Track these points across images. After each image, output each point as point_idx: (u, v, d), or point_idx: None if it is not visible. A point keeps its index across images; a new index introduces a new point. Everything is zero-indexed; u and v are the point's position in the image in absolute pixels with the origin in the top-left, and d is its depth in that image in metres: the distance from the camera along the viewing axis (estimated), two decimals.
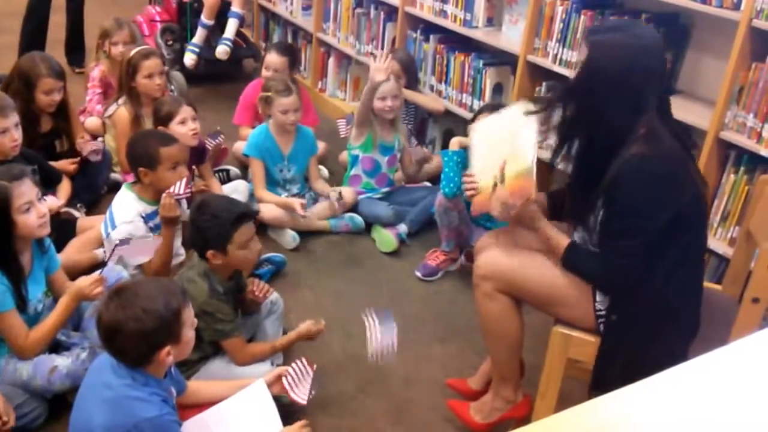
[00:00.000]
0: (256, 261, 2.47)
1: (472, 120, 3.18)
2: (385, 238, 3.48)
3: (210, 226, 2.32)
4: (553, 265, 2.09)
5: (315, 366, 2.23)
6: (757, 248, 2.28)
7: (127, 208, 2.78)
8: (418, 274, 3.28)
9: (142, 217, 2.79)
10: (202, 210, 2.36)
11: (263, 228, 3.50)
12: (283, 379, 2.17)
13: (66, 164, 3.36)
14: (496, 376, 2.32)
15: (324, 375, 2.63)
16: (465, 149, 3.13)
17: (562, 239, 2.06)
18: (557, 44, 3.29)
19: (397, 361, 2.75)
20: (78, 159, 3.41)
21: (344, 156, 3.86)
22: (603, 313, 2.03)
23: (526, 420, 2.41)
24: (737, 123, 2.68)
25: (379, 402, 2.56)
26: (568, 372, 2.15)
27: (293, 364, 2.22)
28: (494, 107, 3.17)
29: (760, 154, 2.60)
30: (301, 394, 2.17)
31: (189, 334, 1.89)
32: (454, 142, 3.14)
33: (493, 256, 2.16)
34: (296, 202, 3.42)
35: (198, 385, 2.21)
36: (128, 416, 1.77)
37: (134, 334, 1.77)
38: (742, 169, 2.69)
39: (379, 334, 2.37)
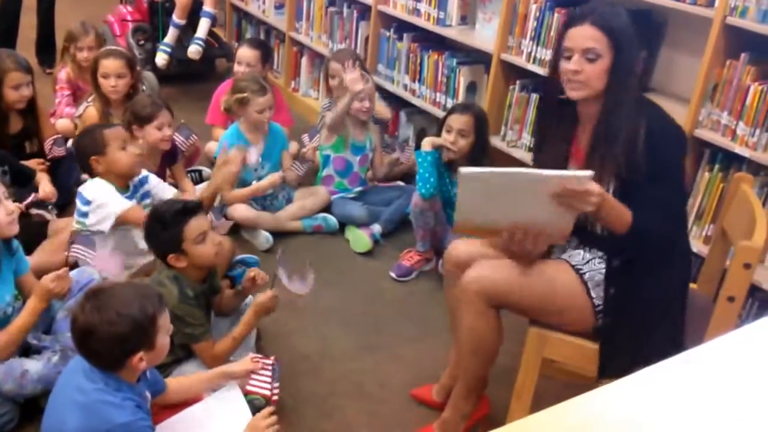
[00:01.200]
0: (224, 253, 2.39)
1: (444, 118, 3.16)
2: (359, 239, 3.45)
3: (157, 230, 2.28)
4: (542, 272, 2.03)
5: (273, 357, 2.19)
6: (732, 246, 2.28)
7: (98, 187, 2.72)
8: (393, 274, 3.25)
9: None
10: (148, 217, 2.34)
11: (236, 229, 3.46)
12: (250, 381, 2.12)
13: (34, 164, 3.29)
14: (462, 390, 2.22)
15: (297, 376, 2.60)
16: (438, 149, 3.11)
17: (625, 209, 1.94)
18: (531, 42, 3.27)
19: (372, 362, 2.72)
20: (45, 160, 3.34)
21: (317, 156, 3.81)
22: (601, 307, 2.01)
23: (492, 417, 2.39)
24: (711, 121, 2.68)
25: (352, 403, 2.52)
26: (543, 371, 2.13)
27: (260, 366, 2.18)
28: (465, 107, 3.18)
29: (734, 152, 2.60)
30: (263, 387, 2.12)
31: (164, 341, 1.86)
32: (426, 143, 3.11)
33: (487, 272, 2.05)
34: (268, 182, 3.40)
35: (176, 382, 2.17)
36: (101, 421, 1.75)
37: (107, 338, 1.74)
38: (716, 167, 2.69)
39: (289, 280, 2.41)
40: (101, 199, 2.69)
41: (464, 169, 1.81)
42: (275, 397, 2.23)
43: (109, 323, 1.73)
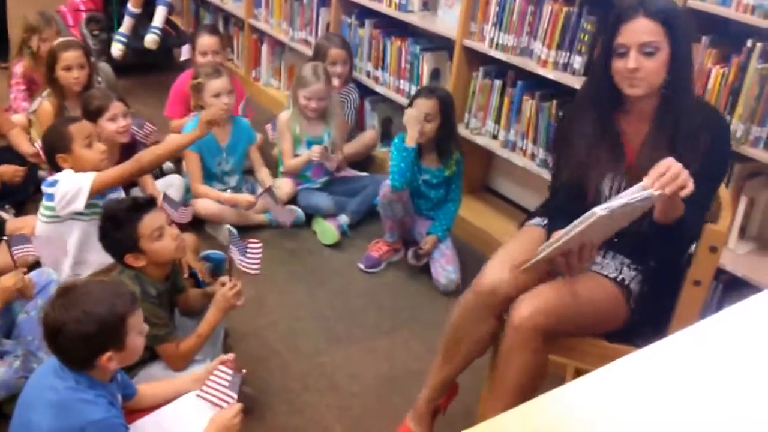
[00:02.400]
0: (183, 247, 2.32)
1: (409, 104, 3.13)
2: (327, 230, 3.42)
3: (110, 231, 2.22)
4: (583, 289, 1.96)
5: (244, 371, 2.06)
6: None
7: (64, 172, 2.65)
8: (361, 266, 3.23)
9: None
10: (100, 219, 2.28)
11: (200, 224, 3.40)
12: (202, 394, 2.01)
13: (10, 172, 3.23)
14: None
15: (267, 373, 2.58)
16: (419, 145, 3.09)
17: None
18: (493, 28, 3.25)
19: (343, 356, 2.71)
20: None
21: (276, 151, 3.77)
22: (633, 306, 2.01)
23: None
24: None
25: (325, 398, 2.51)
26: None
27: (213, 374, 2.03)
28: (431, 90, 3.16)
29: None
30: (226, 399, 2.00)
31: (136, 341, 1.83)
32: (411, 138, 3.02)
33: (539, 305, 1.90)
34: (242, 199, 3.35)
35: (142, 389, 2.11)
36: (75, 419, 1.72)
37: (74, 336, 1.72)
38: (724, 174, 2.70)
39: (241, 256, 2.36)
40: (69, 176, 2.59)
41: (600, 208, 1.63)
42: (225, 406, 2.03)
43: (75, 321, 1.71)
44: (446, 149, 3.18)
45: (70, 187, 2.56)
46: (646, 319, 2.01)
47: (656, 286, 2.03)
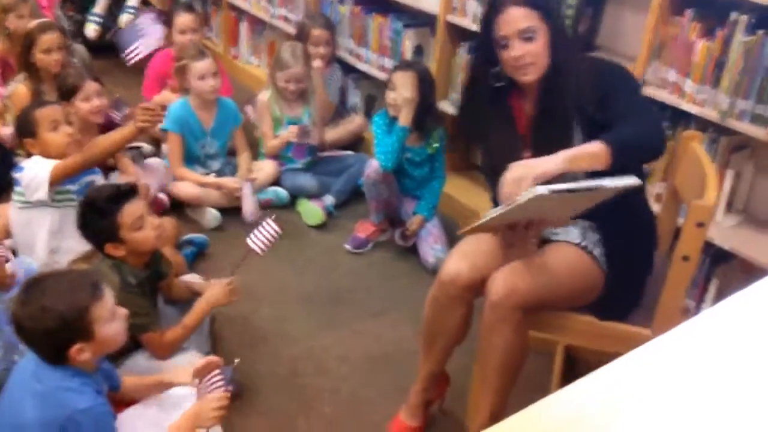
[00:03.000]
0: (164, 236, 2.28)
1: (388, 81, 3.11)
2: (311, 211, 3.38)
3: (90, 220, 2.18)
4: (557, 261, 1.97)
5: (237, 360, 2.03)
6: (684, 204, 2.29)
7: (34, 159, 2.63)
8: (348, 246, 3.20)
9: None
10: (79, 206, 2.24)
11: (181, 207, 3.36)
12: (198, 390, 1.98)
13: None
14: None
15: (256, 358, 2.56)
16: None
17: (589, 145, 1.84)
18: (476, 3, 3.21)
19: (331, 339, 2.69)
20: None
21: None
22: (604, 259, 2.02)
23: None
24: (659, 78, 2.67)
25: (314, 381, 2.49)
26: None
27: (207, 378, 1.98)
28: (408, 64, 3.14)
29: (682, 109, 2.60)
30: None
31: (108, 330, 1.79)
32: (405, 117, 3.01)
33: (515, 281, 1.90)
34: (227, 183, 3.31)
35: (129, 382, 2.09)
36: (61, 408, 1.71)
37: (36, 332, 1.72)
38: (665, 124, 2.69)
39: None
40: (32, 164, 2.59)
41: (541, 189, 1.63)
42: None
43: (31, 318, 1.70)
44: (427, 126, 3.15)
45: (32, 175, 2.56)
46: (621, 285, 2.02)
47: (624, 247, 2.03)
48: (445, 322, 2.12)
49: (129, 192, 2.21)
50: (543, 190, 1.64)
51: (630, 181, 1.74)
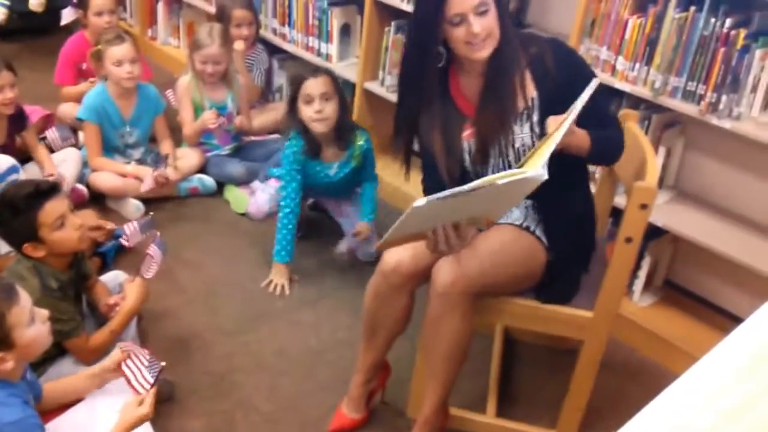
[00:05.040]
0: (86, 237, 2.15)
1: (295, 94, 2.77)
2: (240, 199, 3.27)
3: (7, 217, 2.03)
4: (499, 244, 1.94)
5: (163, 364, 1.89)
6: (621, 183, 2.29)
7: None
8: None
9: None
10: None
11: (101, 199, 3.19)
12: (124, 366, 1.91)
13: None
14: (435, 404, 2.02)
15: (188, 355, 2.45)
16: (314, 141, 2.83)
17: (582, 135, 1.87)
18: None
19: (267, 331, 2.60)
20: None
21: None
22: (545, 241, 2.00)
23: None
24: (591, 57, 2.65)
25: (251, 378, 2.40)
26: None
27: (132, 355, 1.93)
28: (314, 70, 2.81)
29: (615, 87, 2.60)
30: (142, 383, 1.88)
31: (28, 334, 1.69)
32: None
33: (461, 268, 1.85)
34: (147, 172, 3.17)
35: (51, 387, 1.98)
36: None
37: None
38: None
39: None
40: None
41: (419, 201, 1.55)
42: (141, 390, 1.88)
43: None
44: (347, 134, 2.84)
45: None
46: (563, 268, 2.01)
47: (566, 228, 2.02)
48: (386, 313, 2.07)
49: (50, 189, 2.07)
50: (421, 202, 1.56)
51: (533, 173, 1.62)
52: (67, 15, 3.90)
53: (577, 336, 2.05)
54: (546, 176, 1.60)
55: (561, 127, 1.73)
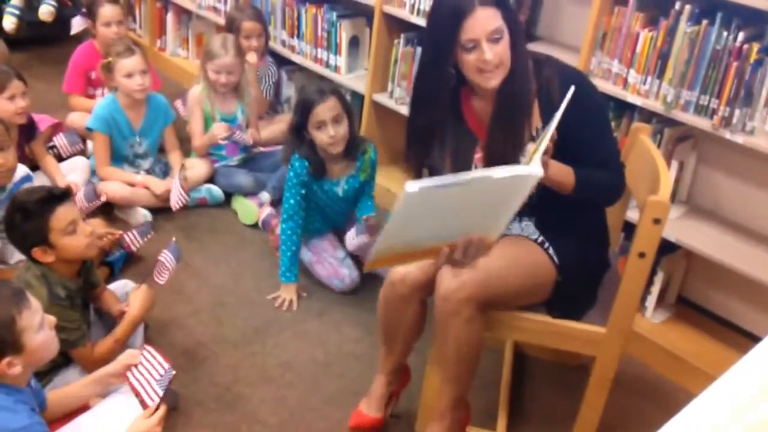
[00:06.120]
0: (95, 244, 2.15)
1: (304, 118, 2.66)
2: (248, 209, 3.25)
3: (19, 221, 2.04)
4: (508, 254, 1.91)
5: (173, 372, 1.90)
6: (633, 197, 2.26)
7: None
8: None
9: None
10: (7, 208, 2.09)
11: (110, 208, 3.18)
12: (129, 375, 1.90)
13: None
14: (451, 402, 2.01)
15: (194, 366, 2.43)
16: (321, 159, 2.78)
17: (565, 172, 1.86)
18: None
19: (273, 343, 2.58)
20: None
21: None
22: (557, 260, 1.97)
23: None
24: (602, 70, 2.63)
25: (257, 390, 2.37)
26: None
27: (143, 354, 1.93)
28: (321, 92, 2.68)
29: (626, 101, 2.58)
30: (151, 395, 1.86)
31: (37, 339, 1.69)
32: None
33: (466, 275, 1.84)
34: (156, 184, 3.17)
35: (54, 395, 1.98)
36: None
37: None
38: (610, 116, 2.66)
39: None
40: None
41: (411, 185, 1.46)
42: (150, 402, 1.86)
43: None
44: (356, 148, 2.80)
45: None
46: (575, 284, 1.98)
47: (578, 245, 2.00)
48: (399, 321, 2.08)
49: (62, 195, 2.08)
50: (414, 187, 1.46)
51: (529, 170, 1.59)
52: (77, 24, 3.91)
53: (589, 352, 2.02)
54: (542, 173, 1.58)
55: (548, 131, 1.70)
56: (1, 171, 2.54)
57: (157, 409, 1.81)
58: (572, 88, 1.71)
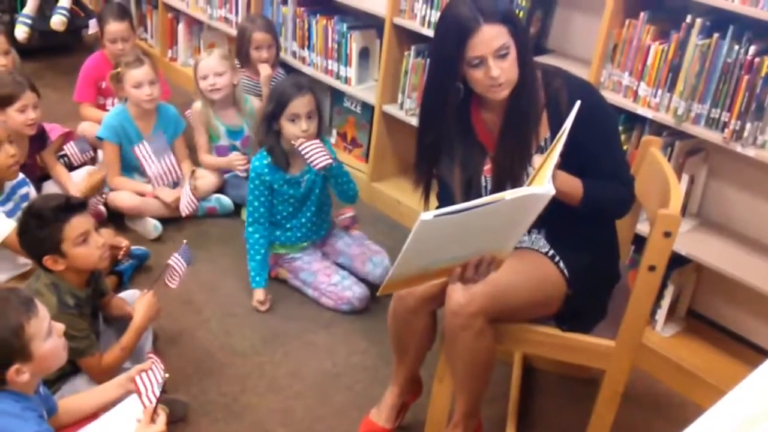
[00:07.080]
0: (106, 256, 2.16)
1: (280, 110, 2.67)
2: None
3: (33, 228, 2.04)
4: (517, 266, 1.90)
5: (166, 375, 1.87)
6: (643, 210, 2.26)
7: None
8: None
9: None
10: (23, 213, 2.10)
11: (120, 218, 3.19)
12: (137, 378, 1.90)
13: None
14: (467, 411, 2.03)
15: (202, 376, 2.43)
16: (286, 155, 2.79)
17: (574, 184, 1.87)
18: (424, 5, 3.13)
19: (281, 353, 2.58)
20: None
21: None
22: (567, 273, 1.96)
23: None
24: (613, 82, 2.63)
25: (265, 400, 2.37)
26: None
27: (152, 365, 1.93)
28: (299, 86, 2.71)
29: (637, 114, 2.58)
30: (150, 397, 1.85)
31: (46, 346, 1.69)
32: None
33: (474, 288, 1.82)
34: (166, 194, 3.18)
35: (64, 403, 1.97)
36: None
37: None
38: (620, 128, 2.65)
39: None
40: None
41: (425, 215, 1.49)
42: (147, 403, 1.85)
43: None
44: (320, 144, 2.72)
45: None
46: (586, 297, 1.98)
47: (588, 259, 1.99)
48: (408, 333, 2.09)
49: (78, 205, 2.09)
50: (428, 215, 1.49)
51: (540, 190, 1.58)
52: (94, 25, 3.94)
53: (598, 365, 2.01)
54: (553, 191, 1.57)
55: (557, 145, 1.69)
56: (11, 166, 2.54)
57: (154, 412, 1.81)
58: (578, 103, 1.70)
